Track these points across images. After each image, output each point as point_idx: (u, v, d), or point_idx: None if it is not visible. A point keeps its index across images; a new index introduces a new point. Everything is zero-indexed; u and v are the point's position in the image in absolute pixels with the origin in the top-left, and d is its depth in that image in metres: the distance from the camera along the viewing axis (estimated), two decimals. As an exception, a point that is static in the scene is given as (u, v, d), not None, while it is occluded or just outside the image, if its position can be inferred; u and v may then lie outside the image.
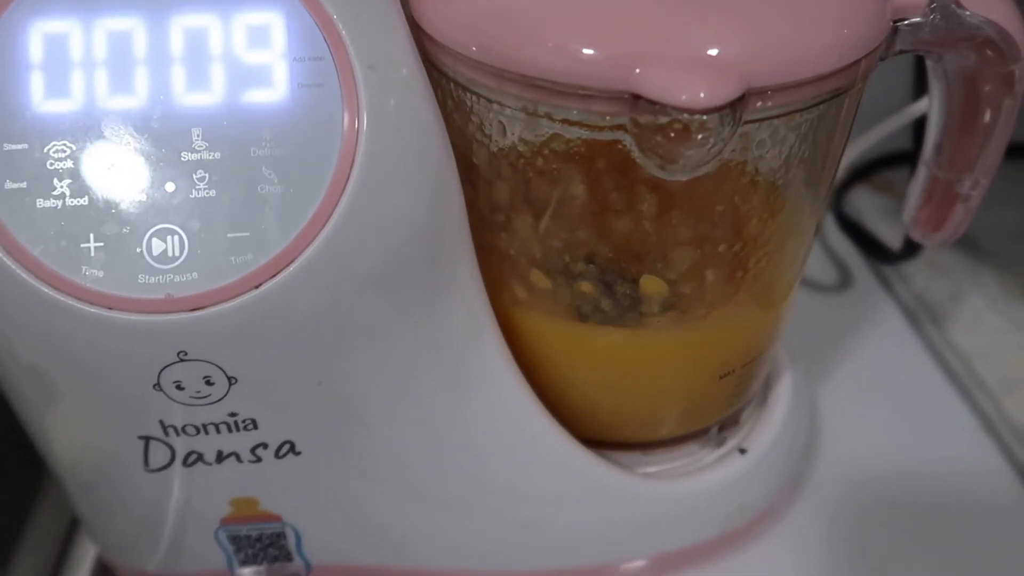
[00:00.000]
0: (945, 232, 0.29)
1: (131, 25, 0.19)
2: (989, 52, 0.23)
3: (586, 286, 0.23)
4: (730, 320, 0.25)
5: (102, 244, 0.19)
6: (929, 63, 0.25)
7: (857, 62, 0.20)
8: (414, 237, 0.21)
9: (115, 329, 0.19)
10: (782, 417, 0.30)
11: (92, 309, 0.19)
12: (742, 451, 0.29)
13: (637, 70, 0.18)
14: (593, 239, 0.22)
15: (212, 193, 0.19)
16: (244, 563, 0.25)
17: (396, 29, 0.20)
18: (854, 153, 0.42)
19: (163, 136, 0.19)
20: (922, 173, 0.29)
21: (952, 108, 0.26)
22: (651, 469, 0.28)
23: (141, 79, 0.19)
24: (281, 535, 0.25)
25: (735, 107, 0.18)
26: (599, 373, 0.26)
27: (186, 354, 0.20)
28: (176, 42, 0.19)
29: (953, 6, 0.22)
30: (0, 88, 0.19)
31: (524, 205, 0.23)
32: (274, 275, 0.19)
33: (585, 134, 0.20)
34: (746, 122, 0.20)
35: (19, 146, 0.19)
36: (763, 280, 0.24)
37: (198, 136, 0.19)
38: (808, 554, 0.32)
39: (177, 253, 0.19)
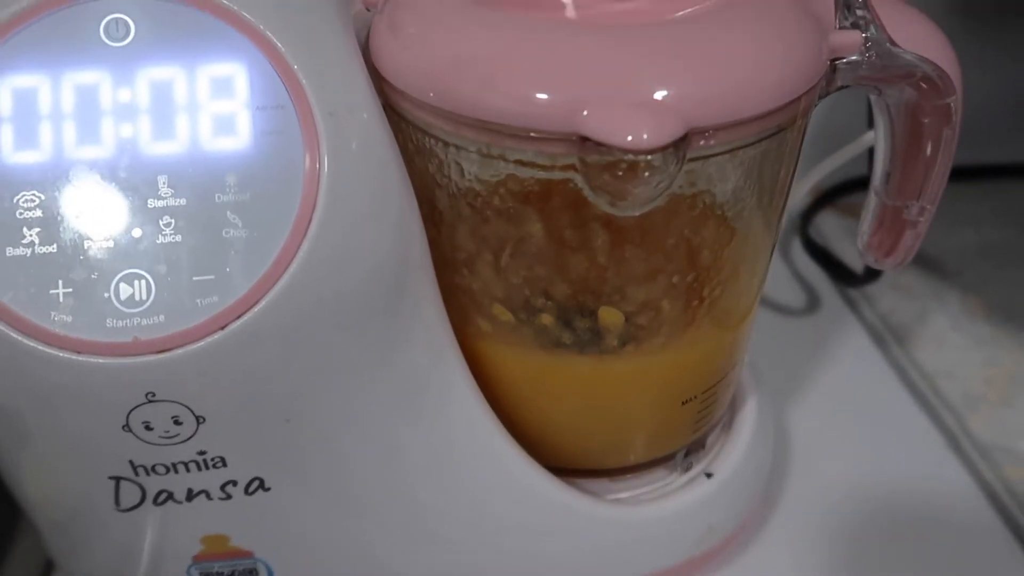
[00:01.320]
0: (896, 256, 0.30)
1: (98, 78, 0.20)
2: (925, 86, 0.24)
3: (547, 319, 0.24)
4: (688, 348, 0.25)
5: (70, 290, 0.20)
6: (872, 98, 0.26)
7: (796, 100, 0.21)
8: (377, 275, 0.22)
9: (84, 372, 0.20)
10: (747, 440, 0.31)
11: (61, 353, 0.19)
12: (708, 475, 0.30)
13: (584, 112, 0.19)
14: (550, 274, 0.23)
15: (178, 238, 0.20)
16: (217, 599, 0.25)
17: (355, 76, 0.21)
18: (816, 178, 0.43)
19: (130, 184, 0.20)
20: (872, 201, 0.30)
21: (896, 139, 0.27)
22: (619, 495, 0.29)
23: (108, 130, 0.20)
24: (253, 571, 0.25)
25: (678, 146, 0.19)
26: (563, 402, 0.26)
27: (154, 395, 0.20)
28: (142, 94, 0.20)
29: (888, 44, 0.23)
30: (-31, 141, 0.20)
31: (483, 243, 0.23)
32: (239, 316, 0.20)
33: (539, 174, 0.21)
34: (691, 159, 0.21)
35: (-12, 197, 0.20)
36: (719, 308, 0.25)
37: (164, 183, 0.20)
38: (782, 572, 0.32)
39: (144, 297, 0.20)
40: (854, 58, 0.23)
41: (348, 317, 0.21)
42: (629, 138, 0.19)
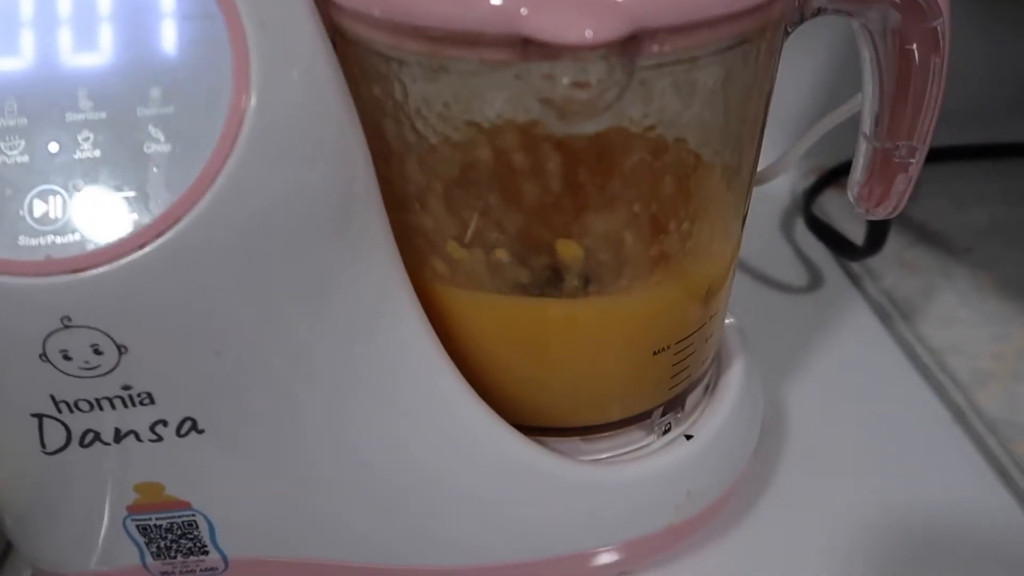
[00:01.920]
0: (888, 204, 0.28)
1: (16, -12, 0.19)
2: (909, 8, 0.23)
3: (501, 254, 0.23)
4: (656, 292, 0.24)
5: (-18, 206, 0.19)
6: (855, 27, 0.25)
7: (759, 7, 0.20)
8: (313, 200, 0.20)
9: (-4, 293, 0.19)
10: (731, 403, 0.29)
11: (-30, 273, 0.18)
12: (688, 437, 0.28)
13: (523, 11, 0.18)
14: (502, 204, 0.22)
15: (96, 153, 0.19)
16: (157, 556, 0.24)
17: (289, -12, 0.20)
18: (808, 143, 0.41)
19: (48, 97, 0.19)
20: (862, 146, 0.28)
21: (882, 72, 0.25)
22: (592, 457, 0.27)
23: (27, 41, 0.19)
24: (192, 524, 0.23)
25: (626, 48, 0.18)
26: (526, 351, 0.25)
27: (70, 320, 0.19)
28: (64, 3, 0.19)
29: (867, -41, 0.22)
30: None
31: (432, 173, 0.22)
32: (159, 235, 0.19)
33: (483, 87, 0.20)
34: (645, 68, 0.19)
35: (-101, 109, 0.19)
36: (688, 248, 0.23)
37: (84, 96, 0.19)
38: (776, 546, 0.30)
39: (59, 215, 0.19)
40: (829, -27, 0.22)
41: (280, 243, 0.20)
42: (571, 34, 0.17)
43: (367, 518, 0.25)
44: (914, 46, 0.24)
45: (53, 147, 0.19)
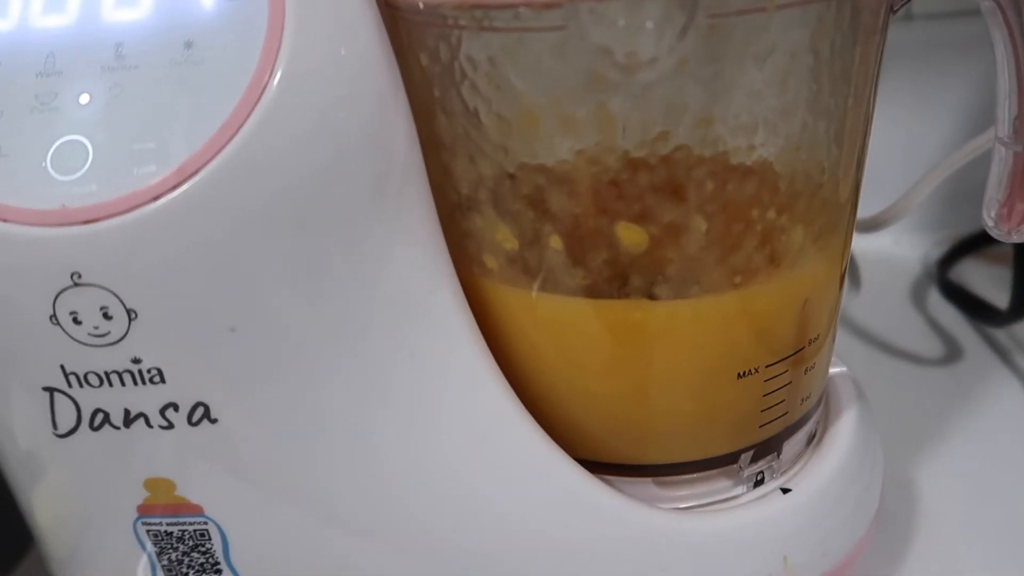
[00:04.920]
0: (1034, 222, 0.24)
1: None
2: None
3: (556, 243, 0.20)
4: (736, 298, 0.20)
5: (7, 155, 0.18)
6: (982, 4, 0.21)
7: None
8: (345, 164, 0.19)
9: (10, 243, 0.18)
10: (840, 457, 0.24)
11: (-12, 222, 0.18)
12: (785, 491, 0.24)
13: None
14: (558, 184, 0.19)
15: (123, 105, 0.18)
16: (169, 571, 0.22)
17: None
18: (937, 179, 0.36)
19: (86, 50, 0.19)
20: (999, 154, 0.24)
21: (1020, 60, 0.22)
22: (668, 506, 0.23)
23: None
24: (204, 534, 0.21)
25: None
26: (585, 362, 0.22)
27: (80, 276, 0.18)
28: (110, -37, 0.19)
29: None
30: (-58, 11, 0.19)
31: (481, 152, 0.20)
32: (174, 187, 0.17)
33: (531, 35, 0.18)
34: (716, 15, 0.17)
35: (-49, 65, 0.19)
36: (778, 244, 0.20)
37: (120, 49, 0.18)
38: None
39: (79, 165, 0.18)
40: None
41: (302, 212, 0.18)
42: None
43: (395, 552, 0.22)
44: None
45: (84, 99, 0.18)
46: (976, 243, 0.46)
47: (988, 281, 0.44)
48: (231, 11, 0.18)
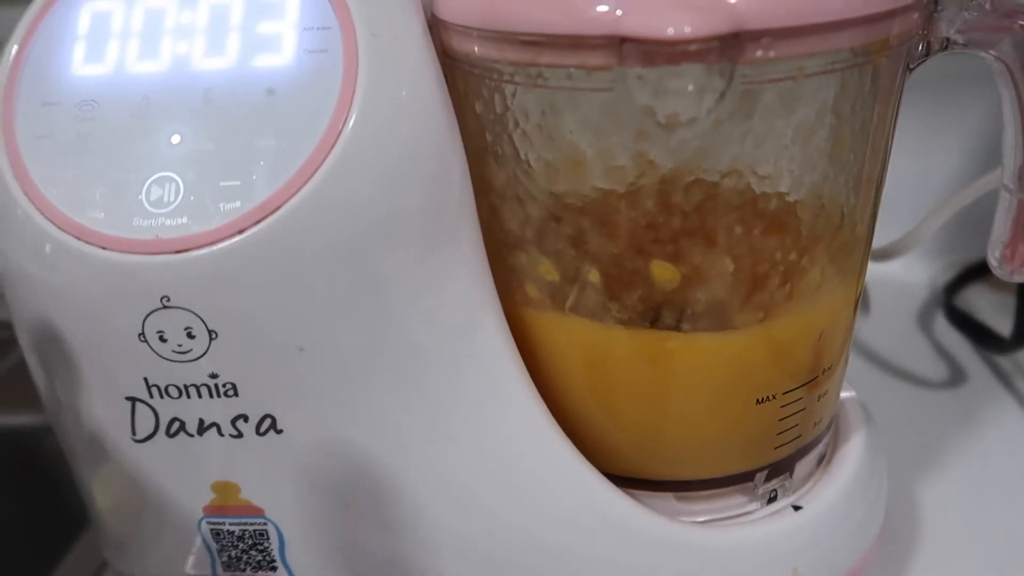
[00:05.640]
0: (1037, 265, 0.25)
1: (165, 3, 0.21)
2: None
3: (594, 277, 0.22)
4: (759, 332, 0.22)
5: (107, 189, 0.20)
6: (988, 60, 0.23)
7: (877, 19, 0.19)
8: (407, 204, 0.21)
9: (106, 268, 0.20)
10: (848, 477, 0.26)
11: (87, 248, 0.20)
12: (796, 508, 0.25)
13: (619, 12, 0.18)
14: (599, 226, 0.21)
15: (211, 145, 0.20)
16: (227, 567, 0.24)
17: (405, 5, 0.21)
18: (948, 213, 0.38)
19: (177, 95, 0.21)
20: (1005, 200, 0.26)
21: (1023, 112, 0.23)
22: (687, 519, 0.25)
23: (166, 47, 0.21)
24: (264, 534, 0.23)
25: (727, 50, 0.17)
26: (617, 387, 0.23)
27: (169, 300, 0.20)
28: (202, 16, 0.21)
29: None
30: (48, 55, 0.21)
31: (529, 193, 0.22)
32: (257, 222, 0.19)
33: (582, 91, 0.20)
34: (750, 81, 0.19)
35: (54, 103, 0.21)
36: (795, 289, 0.22)
37: (208, 94, 0.20)
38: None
39: (172, 199, 0.20)
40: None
41: (370, 243, 0.20)
42: (669, 30, 0.17)
43: (437, 556, 0.24)
44: (1060, 81, 0.22)
45: (175, 139, 0.20)
46: (983, 270, 0.48)
47: (993, 307, 0.46)
48: (309, 62, 0.20)
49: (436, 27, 0.22)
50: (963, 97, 0.47)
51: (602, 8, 0.18)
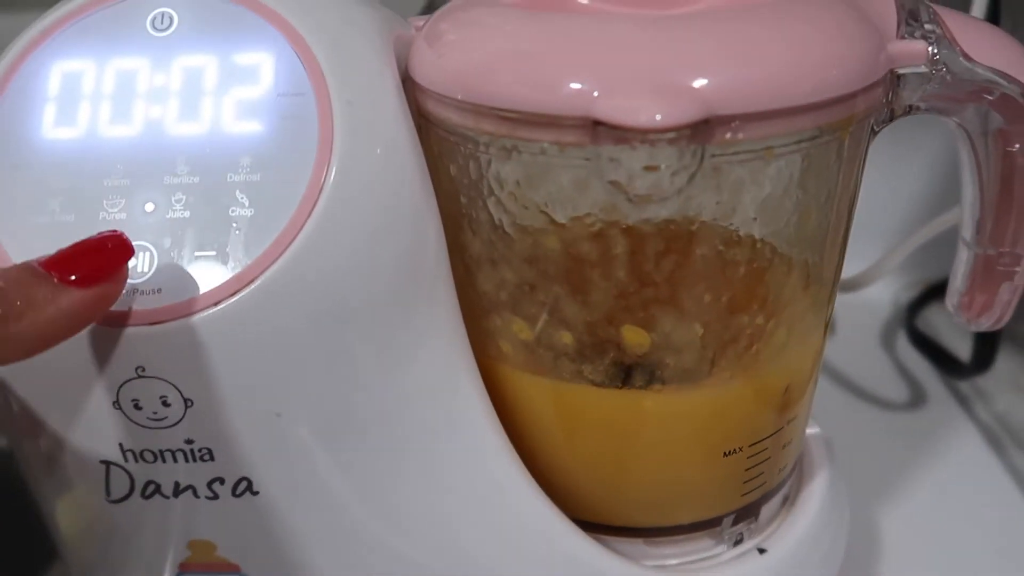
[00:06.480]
0: (992, 315, 0.26)
1: (137, 65, 0.21)
2: (1008, 107, 0.22)
3: (567, 338, 0.22)
4: (726, 390, 0.23)
5: (79, 258, 0.20)
6: (950, 125, 0.24)
7: (842, 100, 0.19)
8: (384, 270, 0.21)
9: (81, 338, 0.20)
10: (811, 518, 0.27)
11: (60, 319, 0.20)
12: (761, 551, 0.26)
13: (595, 94, 0.18)
14: (570, 290, 0.22)
15: (186, 214, 0.20)
16: (205, 621, 0.24)
17: (379, 71, 0.21)
18: (908, 250, 0.39)
19: (151, 161, 0.20)
20: (963, 253, 0.27)
21: (982, 174, 0.24)
22: (656, 563, 0.26)
23: (139, 111, 0.21)
24: (240, 589, 0.23)
25: (697, 134, 0.18)
26: (589, 441, 0.24)
27: (144, 370, 0.20)
28: (175, 79, 0.21)
29: (961, 59, 0.21)
30: (15, 117, 0.21)
31: (502, 255, 0.22)
32: (233, 293, 0.19)
33: (554, 164, 0.20)
34: (719, 156, 0.19)
35: (23, 168, 0.21)
36: (761, 348, 0.22)
37: (182, 162, 0.20)
38: None
39: (146, 269, 0.20)
40: (921, 70, 0.21)
41: (348, 311, 0.20)
42: (641, 118, 0.17)
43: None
44: (1017, 147, 0.23)
45: (149, 207, 0.20)
46: (944, 288, 0.49)
47: (955, 328, 0.47)
48: (284, 128, 0.20)
49: (410, 85, 0.22)
50: (928, 126, 0.48)
51: (577, 87, 0.18)
